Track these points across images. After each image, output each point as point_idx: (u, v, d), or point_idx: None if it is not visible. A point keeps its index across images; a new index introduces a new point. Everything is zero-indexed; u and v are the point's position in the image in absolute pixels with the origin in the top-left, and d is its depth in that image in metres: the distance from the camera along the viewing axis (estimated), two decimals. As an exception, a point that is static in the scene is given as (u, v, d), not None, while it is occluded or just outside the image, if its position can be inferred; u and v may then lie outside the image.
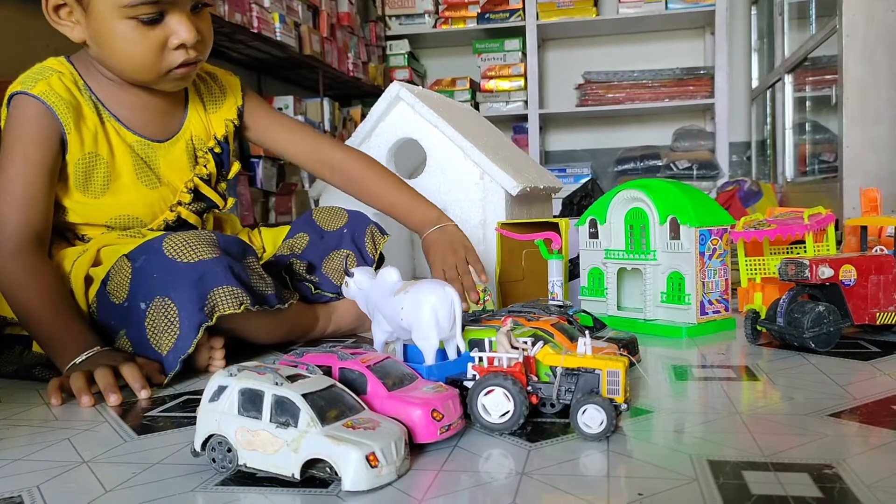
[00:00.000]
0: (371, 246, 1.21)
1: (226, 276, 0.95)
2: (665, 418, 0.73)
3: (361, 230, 1.21)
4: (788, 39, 3.36)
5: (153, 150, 1.11)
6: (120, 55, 1.01)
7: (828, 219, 1.17)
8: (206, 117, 1.19)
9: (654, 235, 1.14)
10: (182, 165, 1.15)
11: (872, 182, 2.23)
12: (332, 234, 1.22)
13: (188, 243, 0.95)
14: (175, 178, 1.14)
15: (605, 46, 4.05)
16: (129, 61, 1.01)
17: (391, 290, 0.79)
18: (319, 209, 1.27)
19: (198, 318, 0.92)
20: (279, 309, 1.04)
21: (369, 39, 3.73)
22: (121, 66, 1.02)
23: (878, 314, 1.02)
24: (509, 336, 0.72)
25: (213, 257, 0.95)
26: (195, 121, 1.17)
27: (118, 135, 1.08)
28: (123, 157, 1.08)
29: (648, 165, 3.75)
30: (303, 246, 1.22)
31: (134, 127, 1.09)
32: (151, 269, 0.94)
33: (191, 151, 1.16)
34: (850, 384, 0.82)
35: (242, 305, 0.95)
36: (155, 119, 1.12)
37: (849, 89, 2.35)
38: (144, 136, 1.10)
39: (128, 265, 0.97)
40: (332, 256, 1.20)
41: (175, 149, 1.14)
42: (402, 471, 0.59)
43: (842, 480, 0.55)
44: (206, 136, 1.18)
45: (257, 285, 1.01)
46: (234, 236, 1.07)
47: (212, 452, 0.61)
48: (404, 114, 1.48)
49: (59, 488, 0.60)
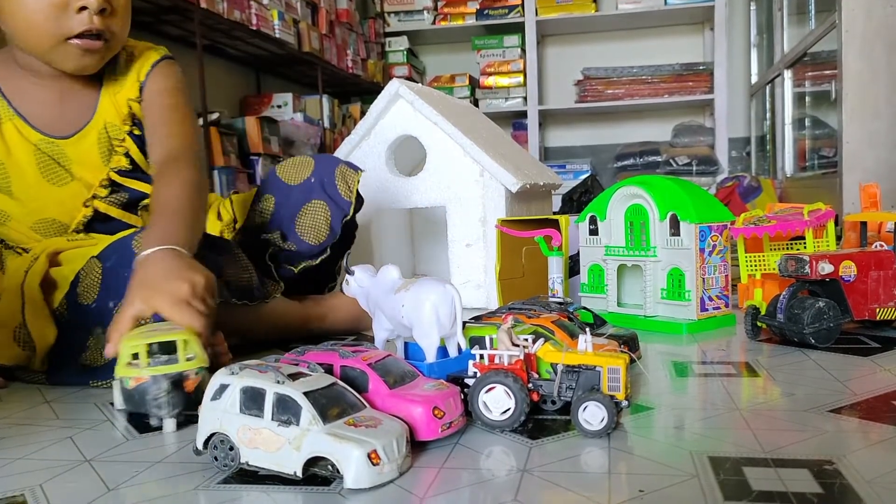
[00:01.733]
0: (344, 187, 1.16)
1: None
2: (666, 415, 0.73)
3: (331, 174, 1.16)
4: (788, 35, 3.36)
5: (59, 147, 1.06)
6: (19, 17, 0.94)
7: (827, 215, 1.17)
8: (118, 101, 1.10)
9: (654, 232, 1.15)
10: (93, 159, 1.08)
11: (872, 177, 2.23)
12: (299, 187, 1.16)
13: None
14: (87, 174, 1.08)
15: (604, 42, 4.04)
16: (26, 23, 0.94)
17: (392, 287, 0.79)
18: (283, 163, 1.20)
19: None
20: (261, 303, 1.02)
21: (368, 36, 3.73)
22: (21, 33, 0.97)
23: (878, 310, 1.02)
24: (510, 333, 0.72)
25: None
26: (107, 108, 1.09)
27: (20, 133, 1.04)
28: (25, 157, 1.04)
29: (648, 161, 3.75)
30: (270, 210, 1.16)
31: (39, 124, 1.05)
32: (123, 268, 0.92)
33: (104, 142, 1.09)
34: (850, 380, 0.82)
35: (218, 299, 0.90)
36: (64, 113, 1.06)
37: (848, 85, 2.35)
38: (49, 133, 1.05)
39: (98, 266, 0.96)
40: (304, 211, 1.15)
41: (84, 142, 1.07)
42: (404, 468, 0.60)
43: (842, 476, 0.55)
44: (121, 121, 1.09)
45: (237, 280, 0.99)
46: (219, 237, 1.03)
47: (214, 451, 0.61)
48: (404, 111, 1.48)
49: (62, 487, 0.60)
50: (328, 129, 3.18)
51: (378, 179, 1.51)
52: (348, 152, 1.53)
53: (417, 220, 1.79)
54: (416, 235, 1.80)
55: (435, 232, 1.74)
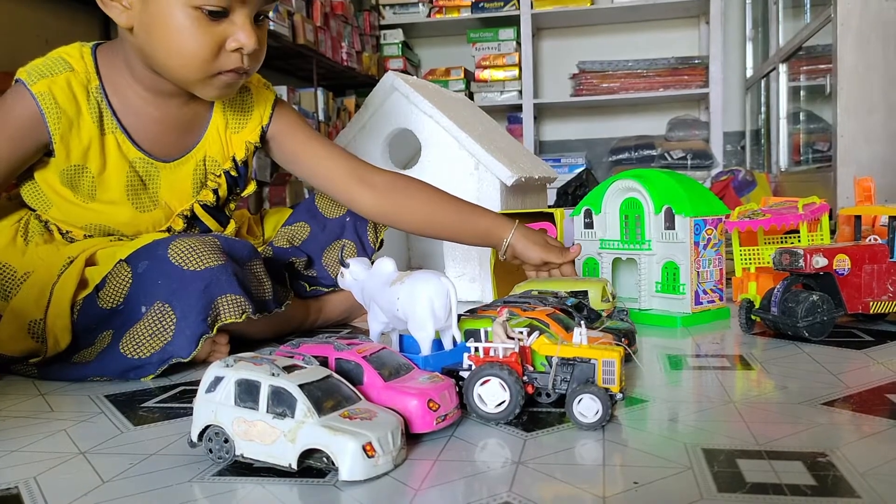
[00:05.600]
0: (373, 234, 1.20)
1: (230, 285, 0.93)
2: (660, 407, 0.73)
3: (364, 218, 1.19)
4: (783, 28, 3.36)
5: (156, 168, 1.05)
6: (172, 46, 0.93)
7: (822, 208, 1.17)
8: (227, 136, 1.10)
9: (649, 225, 1.15)
10: (185, 188, 1.08)
11: (866, 171, 2.24)
12: (334, 221, 1.20)
13: (194, 249, 0.92)
14: (173, 201, 1.08)
15: (599, 36, 4.04)
16: (179, 54, 0.93)
17: (387, 280, 0.79)
18: (322, 194, 1.21)
19: (200, 328, 0.90)
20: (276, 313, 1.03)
21: (363, 29, 3.71)
22: (167, 59, 0.95)
23: (872, 303, 1.02)
24: (505, 326, 0.72)
25: (219, 265, 0.92)
26: (213, 140, 1.09)
27: (119, 149, 1.02)
28: (117, 175, 1.02)
29: (643, 155, 3.75)
30: (303, 237, 1.20)
31: (140, 142, 1.03)
32: (156, 276, 0.91)
33: (200, 173, 1.09)
34: (843, 373, 0.83)
35: (244, 314, 0.93)
36: (167, 134, 1.05)
37: (843, 79, 2.35)
38: (150, 153, 1.04)
39: (127, 270, 0.94)
40: (333, 247, 1.18)
41: (182, 170, 1.07)
42: (399, 461, 0.60)
43: (835, 468, 0.56)
44: (223, 157, 1.10)
45: (257, 292, 0.99)
46: (240, 240, 1.03)
47: (208, 443, 0.61)
48: (399, 104, 1.48)
49: (56, 479, 0.60)
50: (323, 122, 3.17)
51: (373, 172, 1.51)
52: (343, 146, 1.53)
53: (412, 214, 1.78)
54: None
55: (430, 225, 1.73)
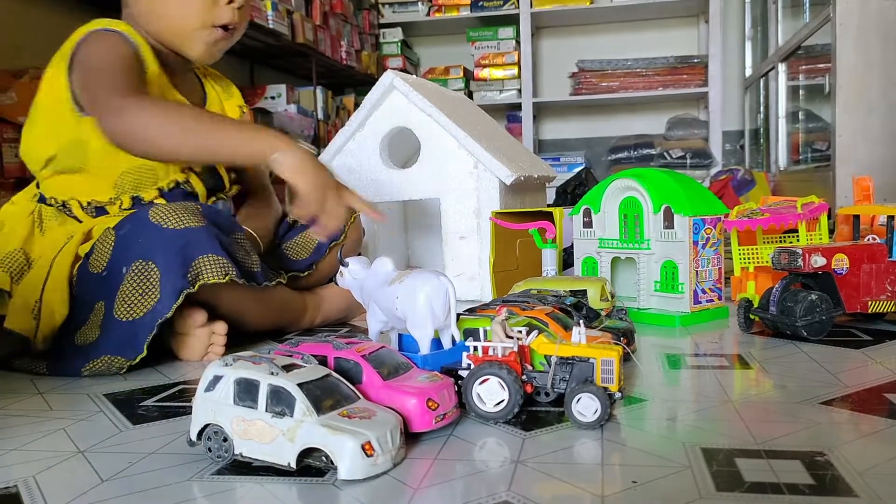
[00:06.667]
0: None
1: (212, 245, 0.95)
2: (659, 406, 0.73)
3: None
4: (782, 28, 3.36)
5: None
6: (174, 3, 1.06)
7: (820, 208, 1.17)
8: (221, 101, 1.24)
9: (648, 224, 1.15)
10: None
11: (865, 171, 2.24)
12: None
13: (174, 211, 0.95)
14: None
15: (599, 35, 4.03)
16: (180, 9, 1.06)
17: (386, 279, 0.79)
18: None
19: (180, 283, 0.92)
20: (266, 287, 1.03)
21: (362, 27, 3.71)
22: (167, 9, 1.07)
23: (870, 303, 1.02)
24: (504, 325, 0.72)
25: (199, 225, 0.95)
26: (215, 102, 1.22)
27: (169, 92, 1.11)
28: None
29: (642, 154, 3.75)
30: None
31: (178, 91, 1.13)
32: (136, 236, 0.94)
33: None
34: (841, 372, 0.83)
35: (228, 276, 0.95)
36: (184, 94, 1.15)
37: (842, 78, 2.35)
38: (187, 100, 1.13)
39: (112, 234, 0.97)
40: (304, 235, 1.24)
41: None
42: (398, 460, 0.60)
43: (833, 467, 0.56)
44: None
45: (244, 260, 1.01)
46: (222, 211, 1.07)
47: (208, 442, 0.61)
48: (398, 102, 1.48)
49: (55, 478, 0.60)
50: (322, 120, 3.17)
51: (372, 171, 1.51)
52: (342, 144, 1.53)
53: (411, 212, 1.78)
54: (410, 227, 1.80)
55: (429, 224, 1.74)
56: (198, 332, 0.98)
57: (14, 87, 1.58)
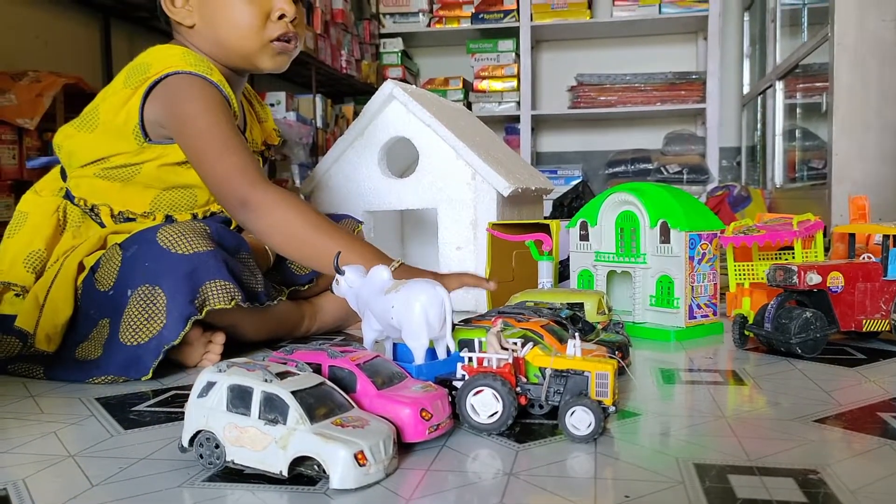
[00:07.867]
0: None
1: (219, 270, 0.95)
2: (652, 421, 0.73)
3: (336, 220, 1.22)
4: (780, 46, 3.38)
5: None
6: (230, 23, 1.09)
7: (816, 225, 1.18)
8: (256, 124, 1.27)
9: (645, 239, 1.15)
10: None
11: (860, 190, 2.25)
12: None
13: (183, 234, 0.95)
14: None
15: (598, 49, 4.05)
16: (237, 27, 1.09)
17: (382, 288, 0.79)
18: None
19: (188, 310, 0.92)
20: (268, 306, 1.04)
21: (363, 37, 3.72)
22: (228, 34, 1.10)
23: (865, 321, 1.03)
24: (499, 337, 0.72)
25: (207, 250, 0.95)
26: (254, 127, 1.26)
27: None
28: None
29: (639, 169, 3.76)
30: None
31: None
32: (143, 258, 0.94)
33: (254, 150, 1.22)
34: (835, 390, 0.83)
35: (233, 301, 0.95)
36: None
37: (839, 97, 2.36)
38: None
39: (119, 254, 0.97)
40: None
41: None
42: (390, 469, 0.59)
43: (826, 486, 0.56)
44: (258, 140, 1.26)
45: (248, 281, 1.01)
46: (230, 230, 1.06)
47: (199, 448, 0.61)
48: (397, 112, 1.48)
49: (45, 482, 0.60)
50: (321, 128, 3.17)
51: (370, 180, 1.51)
52: (341, 152, 1.53)
53: (408, 222, 1.79)
54: (407, 237, 1.80)
55: (426, 234, 1.74)
56: (195, 341, 0.98)
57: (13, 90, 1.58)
